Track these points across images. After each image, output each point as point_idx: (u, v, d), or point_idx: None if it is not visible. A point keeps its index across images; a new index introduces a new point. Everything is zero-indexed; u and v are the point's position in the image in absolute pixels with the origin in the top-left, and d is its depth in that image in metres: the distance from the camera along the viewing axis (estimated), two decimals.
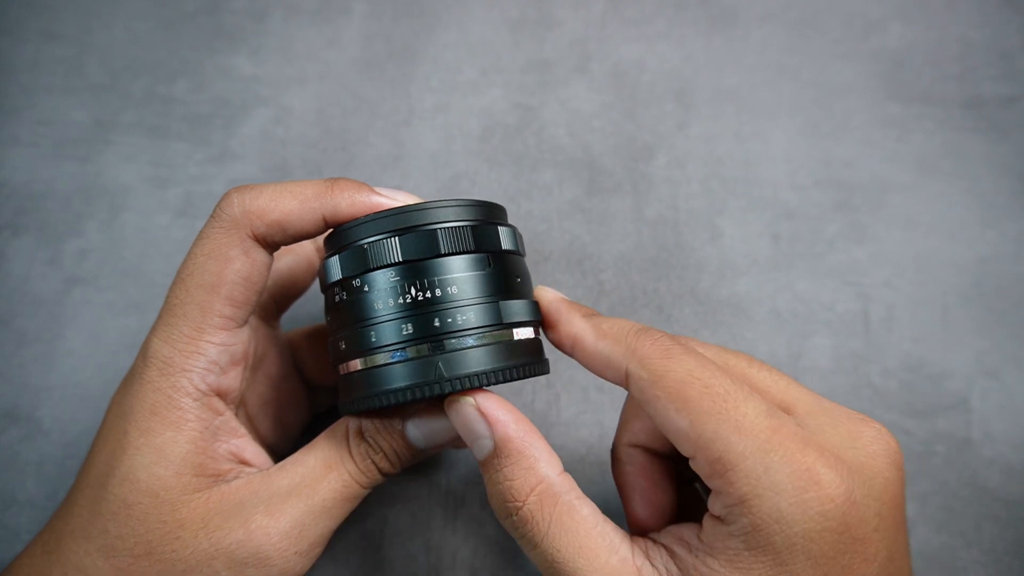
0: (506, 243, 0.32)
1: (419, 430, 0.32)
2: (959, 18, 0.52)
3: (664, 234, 0.48)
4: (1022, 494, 0.42)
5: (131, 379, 0.32)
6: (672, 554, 0.30)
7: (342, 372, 0.32)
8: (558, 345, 0.33)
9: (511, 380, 0.30)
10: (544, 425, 0.44)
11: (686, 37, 0.52)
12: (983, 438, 0.43)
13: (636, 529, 0.34)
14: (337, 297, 0.31)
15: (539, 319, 0.33)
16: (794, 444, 0.27)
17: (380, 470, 0.32)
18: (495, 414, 0.29)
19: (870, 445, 0.29)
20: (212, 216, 0.32)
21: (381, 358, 0.30)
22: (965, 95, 0.50)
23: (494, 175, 0.49)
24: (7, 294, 0.46)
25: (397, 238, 0.30)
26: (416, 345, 0.29)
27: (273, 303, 0.39)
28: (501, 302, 0.30)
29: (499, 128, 0.50)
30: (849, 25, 0.52)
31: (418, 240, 0.30)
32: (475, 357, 0.30)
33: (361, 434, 0.32)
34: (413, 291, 0.29)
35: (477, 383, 0.29)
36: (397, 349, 0.30)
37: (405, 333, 0.29)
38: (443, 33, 0.52)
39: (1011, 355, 0.45)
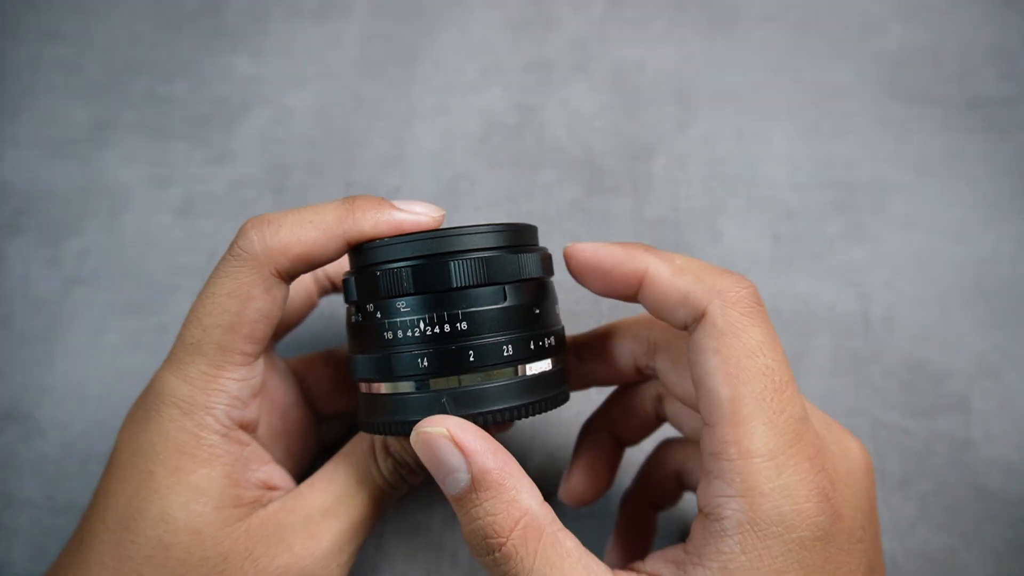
0: (526, 271, 0.30)
1: None
2: (959, 18, 0.52)
3: (664, 234, 0.48)
4: (1022, 494, 0.42)
5: (144, 417, 0.31)
6: None
7: (363, 390, 0.32)
8: (609, 291, 0.32)
9: (521, 418, 0.30)
10: (545, 426, 0.44)
11: (686, 38, 0.52)
12: (983, 438, 0.43)
13: (570, 500, 0.37)
14: (354, 318, 0.31)
15: (560, 348, 0.32)
16: (811, 452, 0.27)
17: (407, 481, 0.33)
18: (471, 444, 0.27)
19: (857, 458, 0.30)
20: (231, 253, 0.31)
21: (395, 387, 0.30)
22: (965, 95, 0.50)
23: (494, 175, 0.49)
24: (7, 294, 0.46)
25: (410, 268, 0.29)
26: (426, 379, 0.29)
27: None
28: (515, 337, 0.29)
29: (499, 128, 0.50)
30: (849, 25, 0.52)
31: (430, 272, 0.29)
32: (484, 395, 0.29)
33: (387, 450, 0.32)
34: (423, 325, 0.29)
35: (483, 422, 0.29)
36: (411, 380, 0.29)
37: (417, 366, 0.29)
38: (443, 33, 0.52)
39: (1011, 355, 0.45)
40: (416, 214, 0.31)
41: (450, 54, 0.52)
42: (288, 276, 0.31)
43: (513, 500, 0.27)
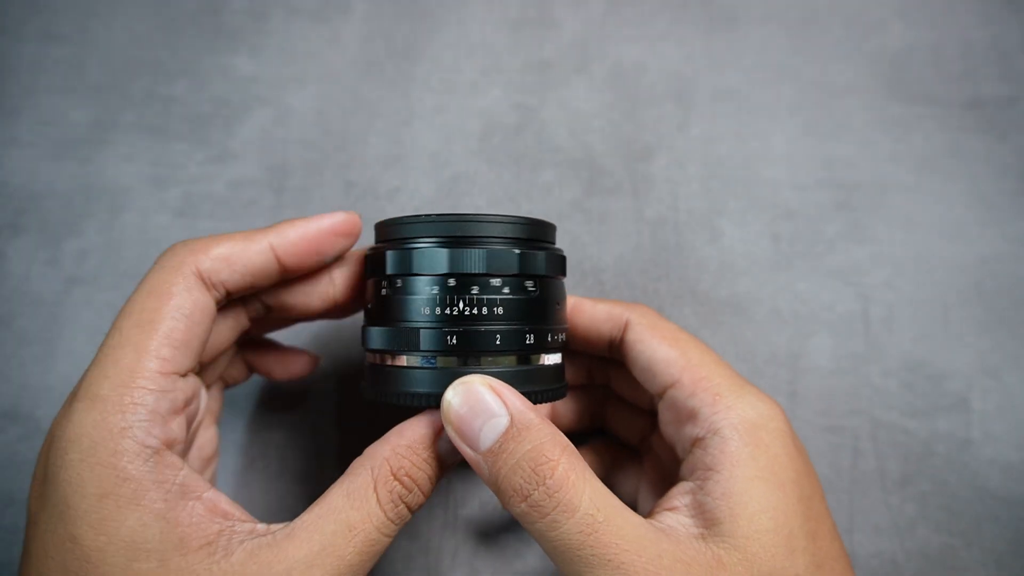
0: (556, 268, 0.33)
1: (447, 444, 0.31)
2: (959, 18, 0.52)
3: (664, 234, 0.48)
4: (1022, 494, 0.42)
5: (52, 473, 0.27)
6: (675, 511, 0.31)
7: (376, 361, 0.33)
8: None
9: (534, 404, 0.31)
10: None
11: (686, 37, 0.52)
12: (983, 438, 0.43)
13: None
14: (384, 290, 0.32)
15: (567, 344, 0.34)
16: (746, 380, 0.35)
17: (410, 509, 0.30)
18: (506, 392, 0.29)
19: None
20: (155, 263, 0.31)
21: (417, 361, 0.31)
22: (965, 95, 0.50)
23: (494, 175, 0.49)
24: (7, 294, 0.46)
25: (448, 250, 0.30)
26: (451, 356, 0.31)
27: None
28: (538, 328, 0.32)
29: (499, 128, 0.50)
30: (849, 25, 0.52)
31: (469, 257, 0.30)
32: (503, 378, 0.30)
33: (394, 474, 0.30)
34: (462, 304, 0.30)
35: None
36: (433, 356, 0.31)
37: (445, 344, 0.30)
38: (443, 33, 0.52)
39: (1011, 355, 0.45)
40: (329, 217, 0.34)
41: (450, 54, 0.52)
42: (212, 282, 0.31)
43: (555, 432, 0.29)
